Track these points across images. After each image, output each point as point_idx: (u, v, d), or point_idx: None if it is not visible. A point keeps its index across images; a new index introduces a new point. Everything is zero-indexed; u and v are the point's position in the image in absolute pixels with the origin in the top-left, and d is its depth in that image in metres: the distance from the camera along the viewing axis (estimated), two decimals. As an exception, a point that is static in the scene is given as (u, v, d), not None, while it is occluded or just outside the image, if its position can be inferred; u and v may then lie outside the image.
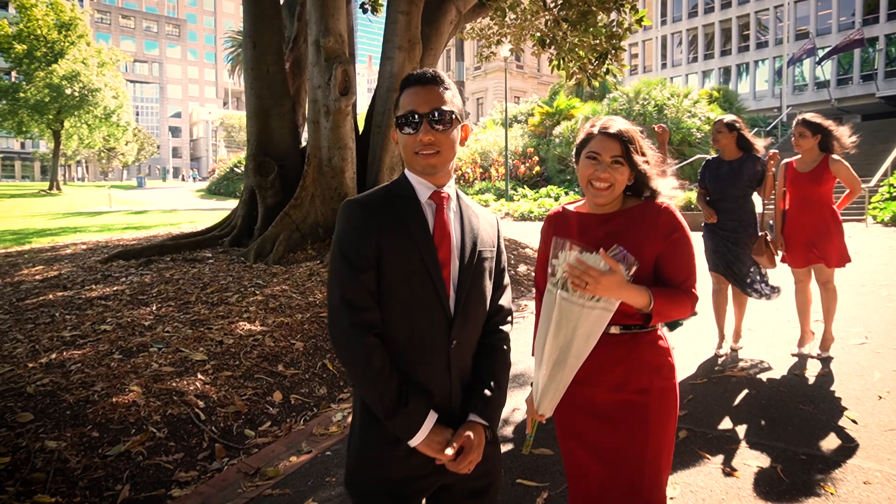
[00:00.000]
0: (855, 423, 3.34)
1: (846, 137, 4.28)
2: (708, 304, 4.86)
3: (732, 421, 3.47)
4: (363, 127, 8.84)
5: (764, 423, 3.43)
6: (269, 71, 8.16)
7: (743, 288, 4.56)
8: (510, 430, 3.49)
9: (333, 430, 3.56)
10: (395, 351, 1.44)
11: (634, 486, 1.66)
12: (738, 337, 4.81)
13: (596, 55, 9.51)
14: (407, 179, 1.52)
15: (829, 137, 4.30)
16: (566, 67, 10.01)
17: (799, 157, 4.47)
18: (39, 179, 64.56)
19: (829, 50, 31.22)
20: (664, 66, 45.69)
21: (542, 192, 21.21)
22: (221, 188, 36.62)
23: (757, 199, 4.52)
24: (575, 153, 1.78)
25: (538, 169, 23.51)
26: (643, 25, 9.52)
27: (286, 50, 9.00)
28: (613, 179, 1.66)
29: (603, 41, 9.29)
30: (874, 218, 14.68)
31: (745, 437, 3.24)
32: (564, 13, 9.25)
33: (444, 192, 1.51)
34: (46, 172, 54.27)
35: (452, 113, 1.47)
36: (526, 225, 16.70)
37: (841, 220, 4.41)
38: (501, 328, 1.61)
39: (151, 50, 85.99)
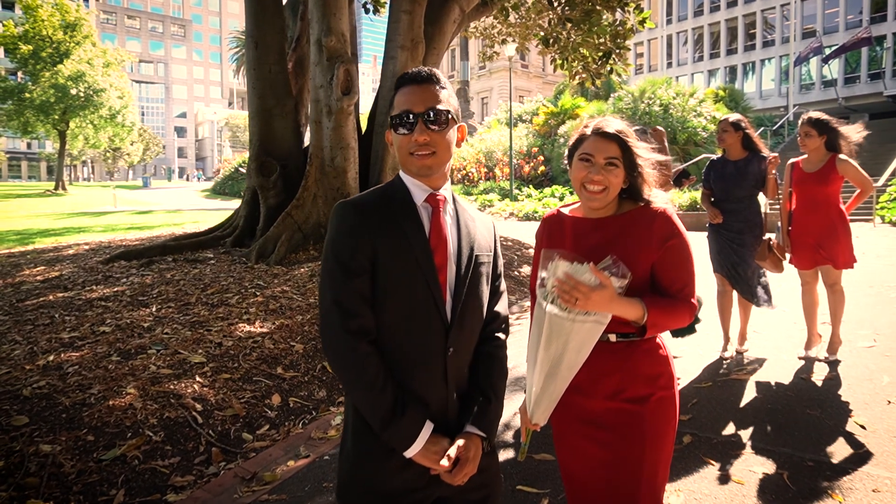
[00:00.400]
0: (863, 428, 3.27)
1: (854, 135, 4.21)
2: (713, 306, 4.79)
3: (737, 426, 3.40)
4: (366, 127, 8.80)
5: (770, 428, 3.36)
6: (271, 71, 8.13)
7: (744, 291, 4.50)
8: (510, 435, 3.44)
9: (332, 433, 3.51)
10: (389, 358, 1.39)
11: (631, 499, 1.60)
12: (743, 339, 4.74)
13: (600, 54, 9.45)
14: (402, 181, 1.47)
15: (835, 137, 4.23)
16: (570, 67, 9.95)
17: (805, 156, 4.40)
18: (45, 179, 64.88)
19: (836, 48, 30.99)
20: (670, 65, 45.53)
21: (546, 191, 21.15)
22: (226, 188, 36.67)
23: (763, 199, 4.45)
24: (567, 155, 1.72)
25: (543, 169, 23.44)
26: (649, 24, 9.44)
27: (289, 50, 8.96)
28: (608, 182, 1.60)
29: (607, 40, 9.23)
30: (882, 218, 14.56)
31: (750, 442, 3.18)
32: (568, 12, 9.19)
33: (440, 194, 1.46)
34: (52, 172, 54.48)
35: (448, 113, 1.43)
36: (530, 225, 16.65)
37: (848, 220, 4.33)
38: (498, 335, 1.57)
39: (157, 50, 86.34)
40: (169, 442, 3.23)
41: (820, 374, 4.18)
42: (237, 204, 8.76)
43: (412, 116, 1.40)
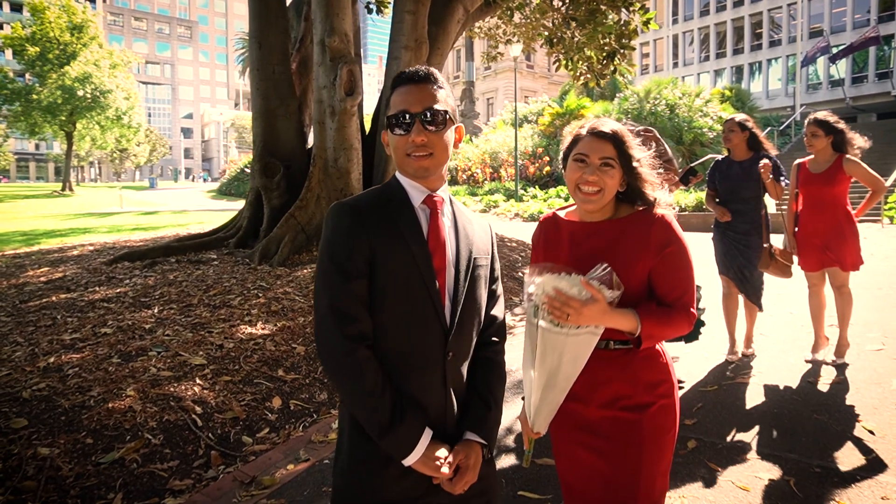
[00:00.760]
0: (872, 433, 3.22)
1: (859, 139, 4.17)
2: (718, 308, 4.74)
3: (743, 431, 3.35)
4: (370, 127, 8.77)
5: (776, 433, 3.31)
6: (274, 71, 8.12)
7: (750, 294, 4.44)
8: (511, 439, 3.40)
9: (333, 437, 3.48)
10: (387, 364, 1.36)
11: None
12: (749, 342, 4.68)
13: (604, 54, 9.39)
14: (399, 182, 1.44)
15: (842, 137, 4.17)
16: (575, 67, 9.90)
17: (812, 157, 4.35)
18: (53, 180, 65.34)
19: (843, 48, 30.77)
20: (675, 65, 45.35)
21: (551, 192, 21.08)
22: (232, 189, 36.74)
23: (770, 201, 4.40)
24: (562, 158, 1.67)
25: (548, 169, 23.37)
26: (653, 26, 9.39)
27: (292, 50, 8.95)
28: (603, 183, 1.55)
29: (612, 41, 9.17)
30: (890, 219, 14.43)
31: (756, 447, 3.13)
32: (572, 11, 9.14)
33: (437, 196, 1.44)
34: (60, 173, 54.85)
35: (446, 113, 1.40)
36: (535, 226, 16.57)
37: (856, 221, 4.28)
38: (496, 339, 1.54)
39: (163, 51, 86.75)
40: (168, 445, 3.20)
41: (827, 377, 4.12)
42: (243, 205, 8.75)
43: (409, 116, 1.38)
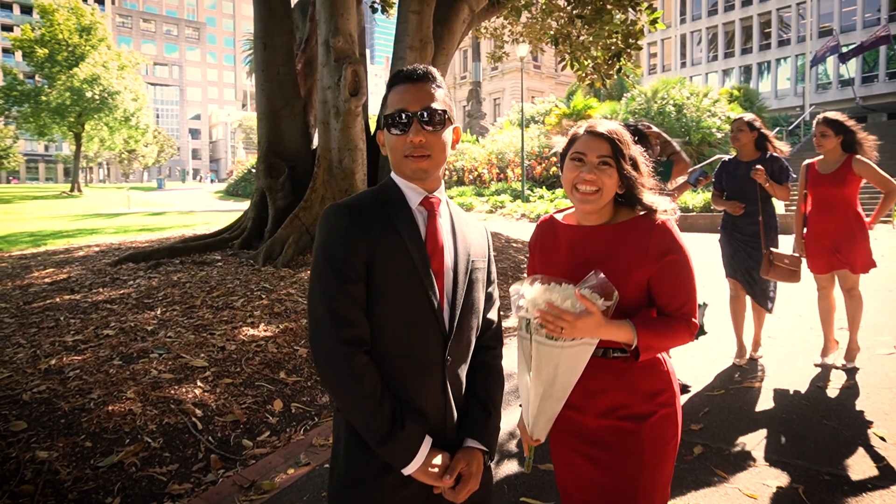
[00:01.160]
0: (883, 440, 3.15)
1: (868, 143, 4.10)
2: (726, 311, 4.67)
3: (751, 436, 3.29)
4: (374, 128, 8.75)
5: (785, 439, 3.24)
6: (279, 72, 8.12)
7: (758, 297, 4.37)
8: (513, 444, 3.36)
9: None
10: (385, 370, 1.32)
11: None
12: (757, 346, 4.61)
13: (610, 54, 9.33)
14: (395, 183, 1.41)
15: (852, 137, 4.10)
16: (581, 67, 9.84)
17: (821, 157, 4.28)
18: (62, 181, 65.83)
19: (853, 47, 30.51)
20: (683, 64, 45.14)
21: (558, 192, 20.98)
22: (239, 189, 36.86)
23: (778, 203, 4.33)
24: (560, 159, 1.62)
25: (555, 169, 23.28)
26: (660, 26, 9.31)
27: (297, 51, 8.95)
28: (601, 182, 1.50)
29: (618, 40, 9.11)
30: (901, 220, 14.25)
31: (764, 454, 3.07)
32: (579, 11, 9.08)
33: (434, 197, 1.40)
34: (69, 174, 55.22)
35: (444, 112, 1.37)
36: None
37: (866, 222, 4.20)
38: (493, 344, 1.51)
39: (171, 53, 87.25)
40: (167, 448, 3.18)
41: (837, 382, 4.04)
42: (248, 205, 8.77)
43: (406, 116, 1.34)
